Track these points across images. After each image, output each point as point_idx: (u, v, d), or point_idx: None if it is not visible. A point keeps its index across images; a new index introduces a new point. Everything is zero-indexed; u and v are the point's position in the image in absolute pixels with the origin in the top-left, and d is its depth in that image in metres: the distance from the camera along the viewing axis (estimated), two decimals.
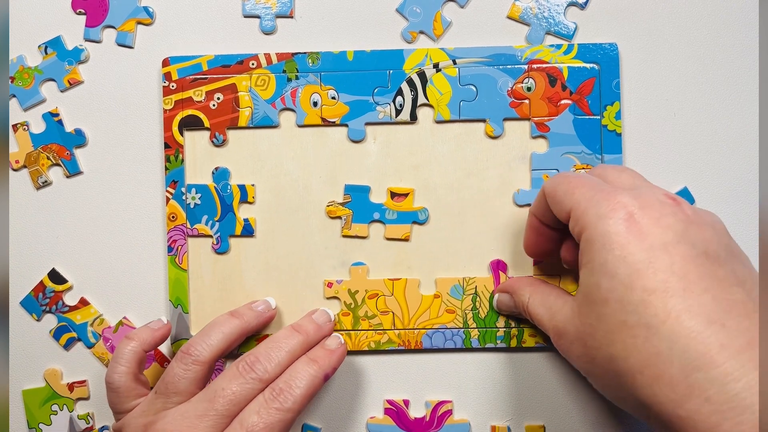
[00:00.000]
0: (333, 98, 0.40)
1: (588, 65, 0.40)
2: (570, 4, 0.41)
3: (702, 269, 0.26)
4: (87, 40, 0.42)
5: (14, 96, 0.42)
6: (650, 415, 0.26)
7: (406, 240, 0.40)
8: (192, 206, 0.40)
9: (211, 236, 0.40)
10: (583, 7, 0.41)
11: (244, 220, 0.40)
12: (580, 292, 0.30)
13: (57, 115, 0.41)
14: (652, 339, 0.25)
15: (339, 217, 0.40)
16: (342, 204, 0.40)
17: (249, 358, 0.35)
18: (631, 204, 0.28)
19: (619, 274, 0.27)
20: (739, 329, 0.25)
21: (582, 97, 0.39)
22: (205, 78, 0.40)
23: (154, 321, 0.38)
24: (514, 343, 0.40)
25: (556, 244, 0.35)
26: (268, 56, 0.40)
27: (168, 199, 0.40)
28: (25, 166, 0.42)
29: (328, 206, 0.40)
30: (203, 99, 0.40)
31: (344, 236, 0.40)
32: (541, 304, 0.34)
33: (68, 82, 0.42)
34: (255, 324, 0.38)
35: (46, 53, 0.42)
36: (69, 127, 0.42)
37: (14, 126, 0.42)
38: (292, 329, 0.37)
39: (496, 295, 0.39)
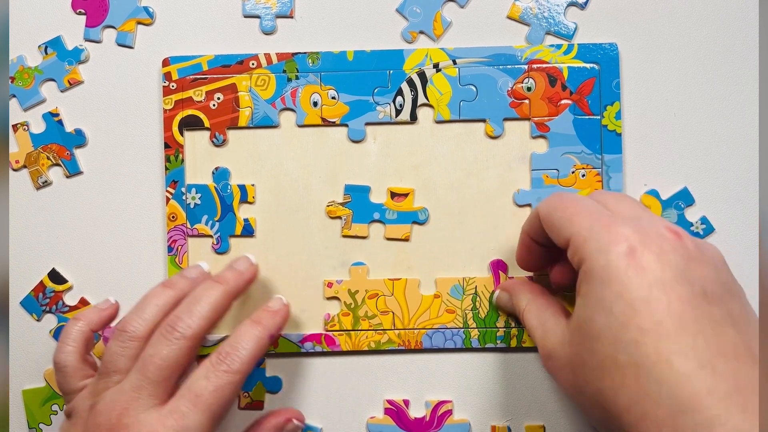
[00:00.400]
0: (333, 98, 0.40)
1: (588, 65, 0.40)
2: (570, 4, 0.41)
3: (698, 311, 0.26)
4: (87, 40, 0.42)
5: (14, 96, 0.42)
6: None
7: (406, 240, 0.40)
8: (192, 206, 0.40)
9: (211, 236, 0.40)
10: (583, 7, 0.41)
11: (244, 220, 0.40)
12: (574, 322, 0.29)
13: (57, 115, 0.41)
14: (641, 379, 0.25)
15: (339, 217, 0.40)
16: (342, 204, 0.40)
17: (170, 318, 0.34)
18: (633, 237, 0.27)
19: (614, 312, 0.27)
20: (727, 372, 0.24)
21: (582, 97, 0.39)
22: (205, 78, 0.40)
23: (102, 301, 0.38)
24: (514, 343, 0.40)
25: (548, 259, 0.35)
26: (268, 56, 0.40)
27: (168, 199, 0.40)
28: (25, 166, 0.42)
29: (328, 206, 0.40)
30: (203, 99, 0.40)
31: (344, 236, 0.40)
32: (536, 316, 0.34)
33: (68, 82, 0.42)
34: (188, 290, 0.36)
35: (46, 53, 0.42)
36: (69, 127, 0.42)
37: (14, 126, 0.42)
38: (211, 281, 0.36)
39: (497, 292, 0.39)
